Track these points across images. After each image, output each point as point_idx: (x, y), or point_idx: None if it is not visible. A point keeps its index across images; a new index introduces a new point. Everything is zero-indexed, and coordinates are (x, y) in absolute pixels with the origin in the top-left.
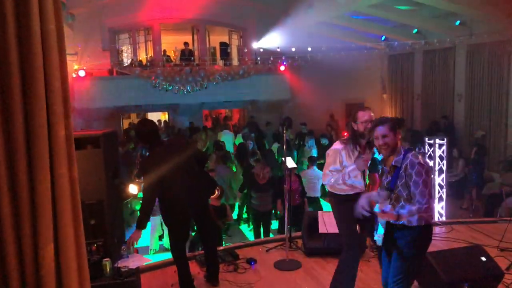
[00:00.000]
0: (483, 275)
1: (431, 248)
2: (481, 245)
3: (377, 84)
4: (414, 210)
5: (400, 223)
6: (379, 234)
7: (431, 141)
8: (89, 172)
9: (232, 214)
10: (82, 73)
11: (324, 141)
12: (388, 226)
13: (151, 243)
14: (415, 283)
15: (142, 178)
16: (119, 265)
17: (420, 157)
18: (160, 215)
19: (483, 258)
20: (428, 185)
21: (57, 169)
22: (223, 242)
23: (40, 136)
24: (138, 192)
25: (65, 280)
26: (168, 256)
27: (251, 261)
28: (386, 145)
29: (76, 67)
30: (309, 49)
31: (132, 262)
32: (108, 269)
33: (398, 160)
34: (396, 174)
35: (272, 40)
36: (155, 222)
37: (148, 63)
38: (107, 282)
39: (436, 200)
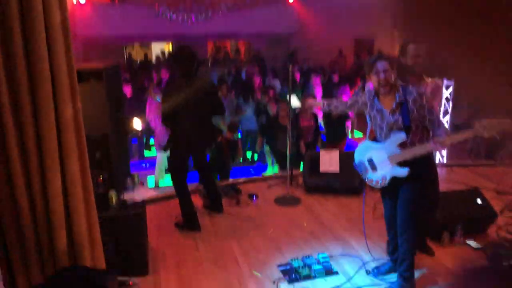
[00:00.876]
0: (476, 216)
1: None
2: (479, 188)
3: (388, 20)
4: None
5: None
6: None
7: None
8: (92, 106)
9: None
10: (82, 0)
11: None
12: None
13: (157, 175)
14: None
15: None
16: (125, 197)
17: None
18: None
19: (479, 201)
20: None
21: (60, 102)
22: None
23: (42, 71)
24: (142, 127)
25: (72, 209)
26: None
27: (252, 196)
28: (386, 80)
29: None
30: None
31: (137, 195)
32: (114, 201)
33: (401, 96)
34: (405, 110)
35: None
36: (161, 155)
37: None
38: (113, 213)
39: None
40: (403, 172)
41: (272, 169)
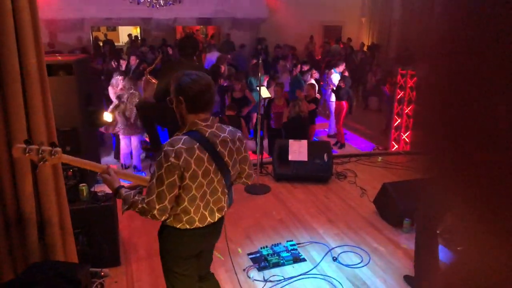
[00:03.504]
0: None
1: (392, 178)
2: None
3: (357, 7)
4: None
5: None
6: None
7: (404, 72)
8: (62, 100)
9: None
10: None
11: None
12: None
13: (123, 159)
14: (374, 209)
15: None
16: (95, 190)
17: None
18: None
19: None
20: None
21: (30, 98)
22: None
23: (11, 65)
24: (112, 119)
25: (43, 202)
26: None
27: None
28: None
29: None
30: None
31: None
32: (85, 194)
33: None
34: None
35: None
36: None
37: None
38: (85, 206)
39: (403, 129)
40: None
41: None
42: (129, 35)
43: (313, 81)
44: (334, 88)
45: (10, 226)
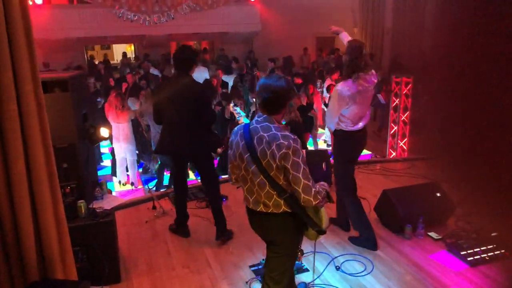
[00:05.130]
0: (436, 209)
1: (391, 185)
2: (438, 181)
3: (348, 18)
4: None
5: None
6: None
7: (398, 79)
8: (58, 116)
9: None
10: (39, 1)
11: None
12: None
13: (119, 175)
14: (376, 216)
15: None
16: (94, 206)
17: None
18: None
19: (438, 194)
20: None
21: (25, 115)
22: None
23: (6, 81)
24: (109, 135)
25: (42, 221)
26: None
27: (222, 198)
28: None
29: None
30: None
31: (106, 203)
32: (83, 211)
33: None
34: None
35: None
36: (133, 155)
37: None
38: (83, 223)
39: (400, 137)
40: None
41: None
42: (124, 53)
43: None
44: (326, 101)
45: (8, 245)
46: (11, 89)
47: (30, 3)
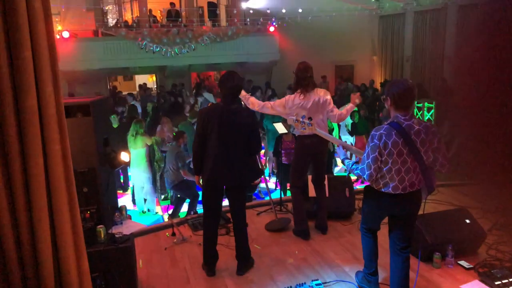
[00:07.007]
0: (466, 236)
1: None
2: (466, 207)
3: (367, 46)
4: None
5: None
6: None
7: (420, 105)
8: (80, 141)
9: None
10: (66, 34)
11: None
12: None
13: (147, 203)
14: None
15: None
16: (113, 231)
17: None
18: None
19: (467, 220)
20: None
21: (48, 139)
22: None
23: (30, 107)
24: (130, 159)
25: (61, 245)
26: (155, 217)
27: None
28: None
29: (59, 28)
30: (300, 10)
31: (126, 228)
32: (102, 236)
33: None
34: None
35: (262, 0)
36: (148, 182)
37: (134, 24)
38: (102, 248)
39: None
40: None
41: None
42: (140, 86)
43: None
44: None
45: (26, 268)
46: (34, 111)
47: (58, 36)
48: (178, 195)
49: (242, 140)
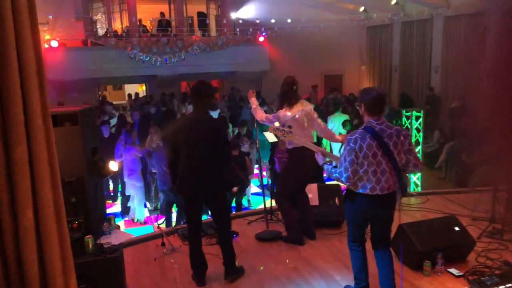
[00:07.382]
0: (456, 244)
1: (407, 219)
2: (455, 215)
3: (356, 56)
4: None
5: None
6: None
7: (408, 114)
8: (68, 150)
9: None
10: (54, 44)
11: None
12: None
13: (136, 213)
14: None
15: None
16: (101, 242)
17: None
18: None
19: (456, 228)
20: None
21: (34, 148)
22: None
23: (16, 115)
24: (118, 169)
25: (47, 257)
26: (147, 229)
27: (232, 234)
28: None
29: (48, 37)
30: (289, 20)
31: (114, 239)
32: (90, 246)
33: None
34: None
35: (251, 10)
36: (139, 191)
37: (124, 34)
38: (90, 259)
39: None
40: None
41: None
42: (129, 95)
43: None
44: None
45: (11, 280)
46: (20, 120)
47: (46, 46)
48: (168, 200)
49: (211, 149)
